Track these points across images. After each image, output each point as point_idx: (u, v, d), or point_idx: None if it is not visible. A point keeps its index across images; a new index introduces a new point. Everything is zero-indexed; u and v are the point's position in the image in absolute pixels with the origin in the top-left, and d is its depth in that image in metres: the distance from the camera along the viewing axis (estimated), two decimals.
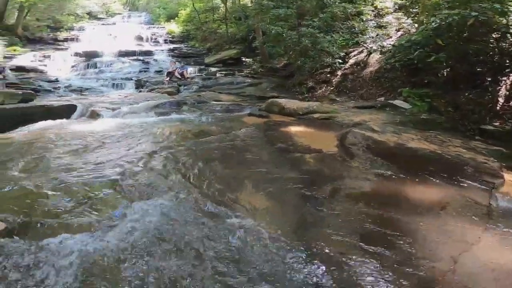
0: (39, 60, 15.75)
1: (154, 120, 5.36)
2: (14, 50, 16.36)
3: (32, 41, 18.74)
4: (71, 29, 21.69)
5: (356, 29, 10.11)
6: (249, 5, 16.18)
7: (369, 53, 8.58)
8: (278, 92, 9.70)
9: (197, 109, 6.26)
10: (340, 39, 9.84)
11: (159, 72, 13.72)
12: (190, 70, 13.18)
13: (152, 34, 20.81)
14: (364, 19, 10.64)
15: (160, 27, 22.82)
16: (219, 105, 6.96)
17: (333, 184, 2.91)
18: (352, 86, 8.22)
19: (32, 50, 17.10)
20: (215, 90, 9.59)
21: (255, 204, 2.49)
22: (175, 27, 21.71)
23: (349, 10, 9.69)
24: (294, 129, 4.76)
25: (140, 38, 19.90)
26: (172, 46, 18.80)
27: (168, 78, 11.44)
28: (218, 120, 5.37)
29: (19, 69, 14.18)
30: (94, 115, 5.78)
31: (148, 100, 7.13)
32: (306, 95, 8.94)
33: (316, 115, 5.67)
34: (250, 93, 9.13)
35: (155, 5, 29.59)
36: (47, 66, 15.16)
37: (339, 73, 8.94)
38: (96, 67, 15.35)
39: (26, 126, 5.27)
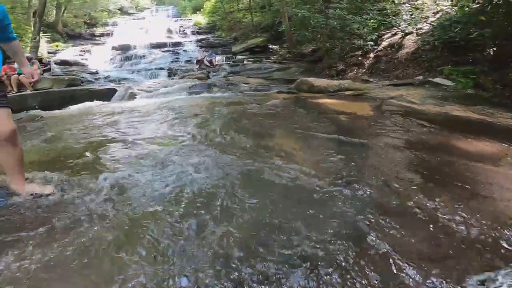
0: (80, 54, 16.89)
1: (189, 97, 5.64)
2: (57, 46, 17.72)
3: (72, 37, 20.09)
4: (106, 24, 22.88)
5: (388, 10, 9.59)
6: None
7: (404, 35, 8.13)
8: (307, 75, 9.53)
9: (227, 90, 6.52)
10: (371, 21, 9.46)
11: (188, 61, 14.15)
12: (218, 58, 13.42)
13: (180, 27, 21.35)
14: (396, 1, 10.03)
15: (187, 19, 23.27)
16: (247, 86, 7.14)
17: (374, 135, 2.82)
18: (386, 68, 7.83)
19: (73, 46, 18.46)
20: (243, 75, 9.73)
21: (295, 151, 2.51)
22: (201, 19, 22.09)
23: None
24: (325, 100, 4.69)
25: (169, 31, 20.51)
26: (199, 37, 19.20)
27: (197, 66, 11.76)
28: (249, 96, 5.51)
29: (63, 63, 15.31)
30: (133, 97, 6.18)
31: (181, 84, 7.45)
32: (336, 78, 8.79)
33: (348, 92, 5.54)
34: (278, 77, 9.19)
35: None
36: (87, 59, 16.20)
37: (371, 55, 8.54)
38: (131, 59, 16.17)
39: (74, 106, 5.83)
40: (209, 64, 11.79)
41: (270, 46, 13.99)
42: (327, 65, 9.54)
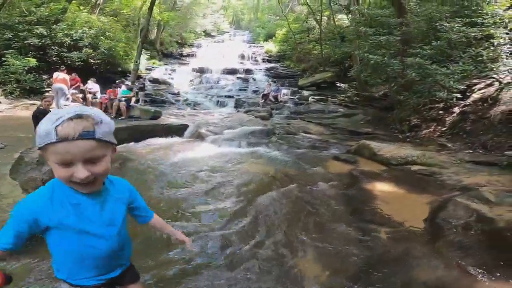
0: (168, 74, 18.72)
1: (245, 152, 5.78)
2: (154, 63, 19.90)
3: (166, 55, 22.45)
4: (192, 45, 25.00)
5: (484, 57, 8.04)
6: (345, 24, 15.69)
7: (501, 87, 6.60)
8: (373, 127, 8.88)
9: (285, 142, 6.41)
10: (459, 69, 8.07)
11: (255, 92, 14.71)
12: (284, 92, 13.68)
13: (253, 53, 22.18)
14: (495, 44, 8.36)
15: (259, 46, 24.00)
16: (306, 138, 6.93)
17: (404, 276, 2.29)
18: (473, 129, 6.46)
19: (165, 64, 20.61)
20: (306, 118, 9.67)
21: (311, 269, 2.38)
22: (272, 47, 22.54)
23: (473, 35, 7.43)
24: (380, 187, 4.08)
25: (242, 56, 21.60)
26: (269, 65, 19.62)
27: (263, 100, 12.17)
28: (302, 161, 5.24)
29: (154, 81, 17.12)
30: (200, 137, 6.79)
31: (244, 126, 7.84)
32: (408, 134, 7.71)
33: (414, 168, 4.96)
34: (341, 125, 8.72)
35: (255, 24, 32.01)
36: (173, 79, 17.85)
37: (455, 110, 7.16)
38: (206, 83, 17.65)
39: (151, 139, 6.67)
40: (274, 100, 12.10)
41: (338, 84, 13.63)
42: (399, 118, 8.73)
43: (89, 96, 9.00)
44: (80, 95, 9.22)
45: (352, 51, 11.02)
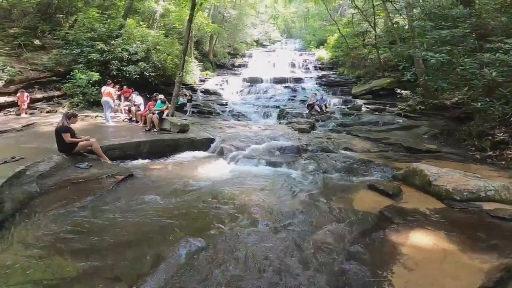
0: (220, 84, 19.17)
1: (259, 174, 5.04)
2: (207, 74, 20.57)
3: (218, 66, 23.04)
4: (244, 55, 25.39)
5: None
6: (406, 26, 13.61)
7: None
8: (439, 142, 7.08)
9: (314, 163, 5.33)
10: None
11: (303, 101, 13.80)
12: (334, 101, 12.48)
13: (304, 61, 21.32)
14: None
15: (311, 54, 23.01)
16: (344, 158, 5.67)
17: None
18: None
19: (218, 75, 21.21)
20: (352, 131, 8.38)
21: None
22: (324, 53, 21.34)
23: None
24: (419, 238, 2.77)
25: (293, 65, 20.90)
26: (320, 73, 18.51)
27: (308, 111, 11.24)
28: (324, 189, 4.25)
29: (205, 91, 17.82)
30: (221, 153, 6.35)
31: (275, 140, 7.12)
32: (490, 153, 6.12)
33: (488, 206, 3.54)
34: (396, 140, 7.15)
35: (306, 31, 30.93)
36: (224, 90, 18.24)
37: None
38: (255, 93, 17.46)
39: (176, 154, 6.50)
40: (319, 110, 11.05)
41: (398, 91, 11.77)
42: (476, 131, 6.83)
43: (133, 108, 9.52)
44: (129, 108, 9.81)
45: (405, 50, 9.22)
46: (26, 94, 9.76)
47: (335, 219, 3.26)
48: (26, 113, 9.50)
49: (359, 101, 12.25)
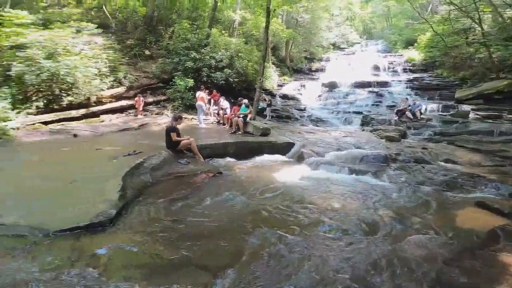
0: (297, 89, 19.06)
1: (342, 180, 4.72)
2: (284, 79, 20.60)
3: (296, 71, 22.85)
4: (321, 59, 24.37)
5: None
6: None
7: None
8: None
9: (405, 174, 4.74)
10: None
11: (391, 107, 12.53)
12: (430, 108, 10.91)
13: (389, 63, 19.18)
14: None
15: (398, 55, 20.55)
16: (444, 170, 4.89)
17: None
18: None
19: (295, 80, 21.09)
20: (456, 142, 7.15)
21: None
22: (415, 54, 18.71)
23: None
24: None
25: (376, 68, 19.08)
26: (411, 76, 16.47)
27: (397, 117, 10.14)
28: (420, 202, 3.71)
29: (284, 97, 17.93)
30: (300, 157, 6.28)
31: (358, 148, 6.66)
32: None
33: None
34: None
35: (389, 32, 27.65)
36: (302, 95, 18.10)
37: None
38: (334, 98, 16.70)
39: (256, 156, 6.76)
40: (412, 117, 9.82)
41: None
42: None
43: (221, 112, 10.38)
44: (218, 111, 10.76)
45: None
46: (141, 98, 11.68)
47: (430, 234, 2.85)
48: (141, 115, 11.37)
49: (466, 107, 10.39)
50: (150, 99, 12.53)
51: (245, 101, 9.11)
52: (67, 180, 3.83)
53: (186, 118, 11.08)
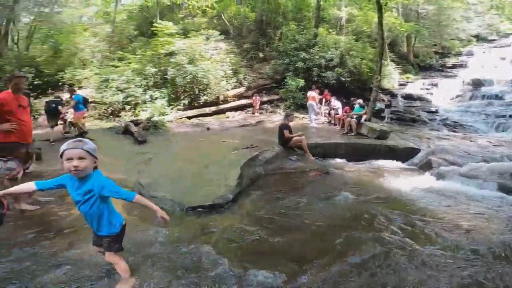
0: (426, 89, 16.44)
1: (484, 197, 3.68)
2: (407, 78, 18.14)
3: (422, 68, 19.79)
4: (459, 54, 20.28)
5: None
6: None
7: None
8: None
9: None
10: None
11: None
12: None
13: None
14: None
15: None
16: None
17: None
18: None
19: (423, 78, 18.27)
20: None
21: None
22: None
23: None
24: None
25: None
26: None
27: None
28: None
29: (407, 97, 15.62)
30: (427, 166, 5.27)
31: (502, 165, 5.01)
32: None
33: None
34: None
35: None
36: (432, 95, 15.57)
37: None
38: (482, 99, 13.30)
39: (368, 160, 6.22)
40: None
41: None
42: None
43: (332, 112, 10.08)
44: (329, 111, 10.51)
45: None
46: (258, 97, 12.81)
47: None
48: (257, 113, 12.49)
49: None
50: (265, 98, 13.51)
51: (360, 101, 8.52)
52: (202, 165, 4.65)
53: (297, 117, 11.35)
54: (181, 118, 10.79)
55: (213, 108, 12.02)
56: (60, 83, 12.68)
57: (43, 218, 2.88)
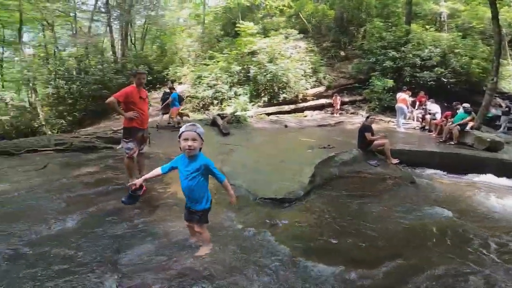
0: None
1: None
2: None
3: None
4: None
5: None
6: None
7: None
8: None
9: None
10: None
11: None
12: None
13: None
14: None
15: None
16: None
17: None
18: None
19: None
20: None
21: None
22: None
23: None
24: None
25: None
26: None
27: None
28: None
29: None
30: None
31: None
32: None
33: None
34: None
35: None
36: None
37: None
38: None
39: (475, 174, 5.25)
40: None
41: None
42: None
43: (427, 116, 8.84)
44: (423, 116, 9.25)
45: None
46: (338, 97, 12.26)
47: None
48: (337, 113, 11.99)
49: None
50: (346, 99, 12.83)
51: (465, 105, 7.24)
52: (278, 160, 4.84)
53: (382, 120, 10.45)
54: (261, 114, 11.28)
55: (292, 106, 12.13)
56: (165, 79, 14.93)
57: (146, 194, 3.51)
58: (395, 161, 5.27)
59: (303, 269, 2.09)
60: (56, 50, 17.06)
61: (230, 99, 12.21)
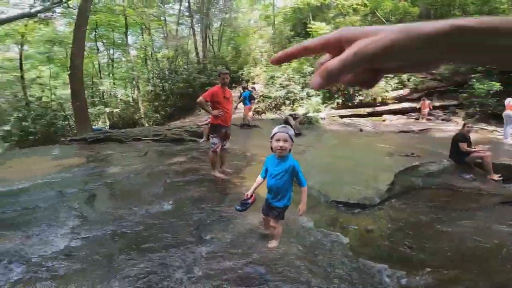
0: None
1: None
2: None
3: None
4: None
5: None
6: None
7: None
8: None
9: None
10: None
11: None
12: None
13: None
14: None
15: None
16: None
17: None
18: None
19: None
20: None
21: None
22: None
23: None
24: None
25: None
26: None
27: None
28: None
29: None
30: None
31: None
32: None
33: None
34: None
35: None
36: None
37: None
38: None
39: None
40: None
41: None
42: None
43: None
44: None
45: None
46: (428, 101, 10.84)
47: None
48: (424, 119, 10.63)
49: None
50: (437, 103, 11.30)
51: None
52: (351, 163, 4.68)
53: (485, 129, 8.92)
54: (334, 116, 10.95)
55: (369, 110, 11.39)
56: (240, 79, 15.89)
57: (224, 184, 3.87)
58: (496, 177, 4.47)
59: (373, 274, 2.07)
60: (152, 52, 19.97)
61: (302, 99, 12.22)
